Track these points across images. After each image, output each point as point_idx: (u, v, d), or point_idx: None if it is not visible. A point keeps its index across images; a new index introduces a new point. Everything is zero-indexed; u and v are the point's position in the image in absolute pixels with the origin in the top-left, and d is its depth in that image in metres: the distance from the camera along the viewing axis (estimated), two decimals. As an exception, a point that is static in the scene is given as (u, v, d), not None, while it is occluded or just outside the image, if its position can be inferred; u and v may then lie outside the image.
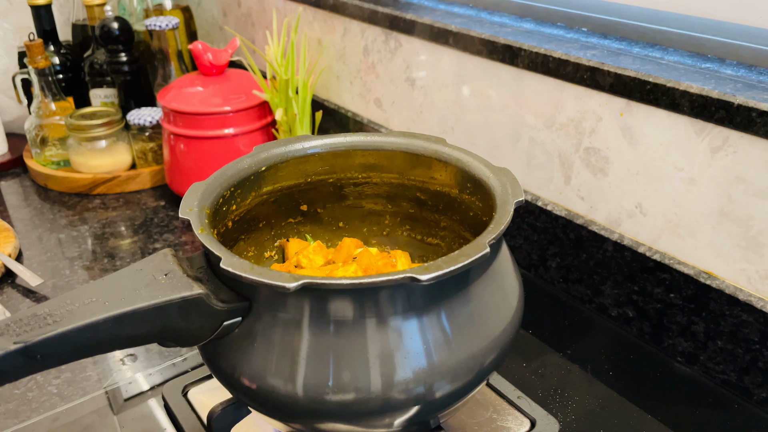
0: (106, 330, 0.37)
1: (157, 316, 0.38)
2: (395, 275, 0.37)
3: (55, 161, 1.04)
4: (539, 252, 0.75)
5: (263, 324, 0.40)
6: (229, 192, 0.50)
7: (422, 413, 0.41)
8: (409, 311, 0.39)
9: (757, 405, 0.58)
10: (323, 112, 1.04)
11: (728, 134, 0.56)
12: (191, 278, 0.40)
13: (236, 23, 1.28)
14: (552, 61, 0.67)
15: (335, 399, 0.39)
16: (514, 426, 0.55)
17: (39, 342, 0.34)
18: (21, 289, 0.77)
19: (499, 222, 0.42)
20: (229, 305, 0.40)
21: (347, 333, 0.39)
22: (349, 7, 0.94)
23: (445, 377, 0.40)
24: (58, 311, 0.36)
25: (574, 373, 0.63)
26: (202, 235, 0.42)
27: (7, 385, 0.63)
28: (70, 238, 0.88)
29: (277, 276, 0.37)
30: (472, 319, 0.41)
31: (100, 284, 0.39)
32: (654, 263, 0.63)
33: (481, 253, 0.39)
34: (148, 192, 1.02)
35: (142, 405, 0.60)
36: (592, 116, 0.66)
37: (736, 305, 0.57)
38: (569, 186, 0.71)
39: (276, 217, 0.58)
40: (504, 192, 0.46)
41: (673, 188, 0.61)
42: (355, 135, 0.56)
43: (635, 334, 0.67)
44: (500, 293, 0.44)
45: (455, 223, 0.56)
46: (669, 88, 0.58)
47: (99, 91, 1.09)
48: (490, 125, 0.78)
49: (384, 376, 0.39)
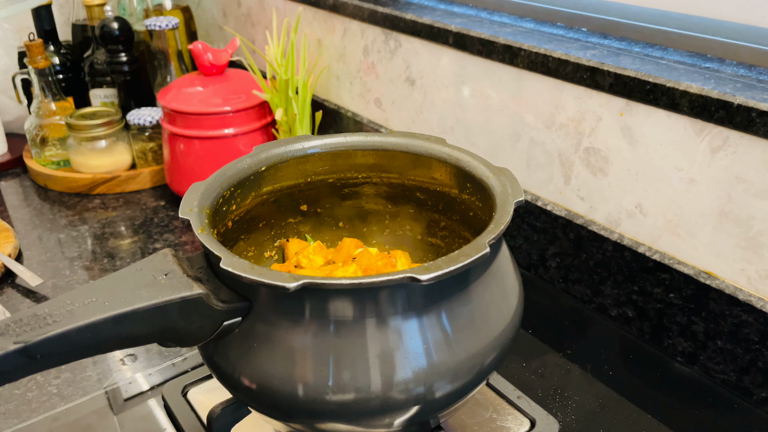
0: (106, 330, 0.37)
1: (157, 316, 0.38)
2: (395, 275, 0.37)
3: (55, 161, 1.04)
4: (539, 252, 0.75)
5: (263, 324, 0.40)
6: (229, 192, 0.50)
7: (422, 413, 0.41)
8: (409, 311, 0.39)
9: (757, 405, 0.58)
10: (323, 112, 1.04)
11: (728, 134, 0.56)
12: (191, 278, 0.40)
13: (236, 23, 1.28)
14: (552, 61, 0.67)
15: (335, 399, 0.39)
16: (514, 426, 0.55)
17: (39, 342, 0.34)
18: (21, 289, 0.77)
19: (499, 222, 0.42)
20: (229, 305, 0.40)
21: (347, 333, 0.39)
22: (349, 7, 0.94)
23: (445, 377, 0.40)
24: (58, 311, 0.36)
25: (574, 373, 0.63)
26: (202, 235, 0.42)
27: (7, 385, 0.63)
28: (70, 238, 0.88)
29: (277, 276, 0.37)
30: (472, 319, 0.41)
31: (100, 284, 0.39)
32: (654, 263, 0.63)
33: (481, 253, 0.39)
34: (148, 192, 1.02)
35: (142, 405, 0.60)
36: (592, 116, 0.66)
37: (736, 305, 0.57)
38: (569, 186, 0.71)
39: (276, 217, 0.58)
40: (504, 192, 0.46)
41: (673, 188, 0.61)
42: (354, 135, 0.56)
43: (635, 334, 0.67)
44: (500, 293, 0.44)
45: (455, 223, 0.56)
46: (669, 88, 0.58)
47: (99, 91, 1.09)
48: (490, 125, 0.78)
49: (384, 376, 0.39)
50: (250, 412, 0.53)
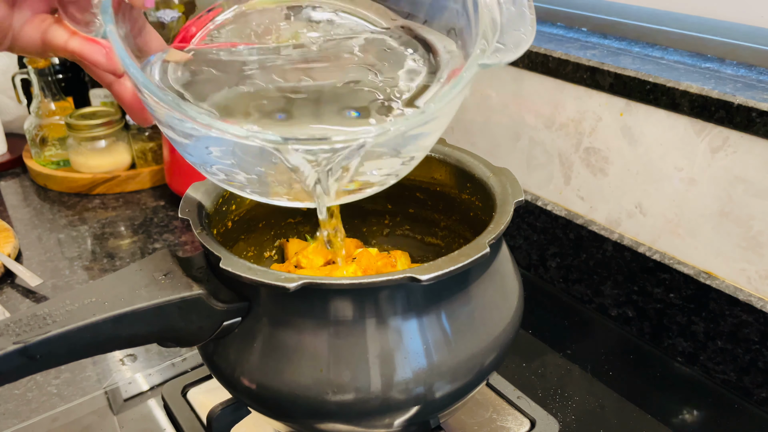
0: (106, 330, 0.36)
1: (156, 316, 0.38)
2: (395, 275, 0.37)
3: (54, 161, 1.04)
4: (539, 252, 0.75)
5: (263, 324, 0.40)
6: (229, 192, 0.50)
7: (422, 413, 0.41)
8: (409, 311, 0.39)
9: (757, 405, 0.58)
10: (323, 112, 1.04)
11: (728, 134, 0.56)
12: (191, 278, 0.40)
13: (236, 23, 1.27)
14: (552, 61, 0.67)
15: (335, 399, 0.39)
16: (513, 426, 0.55)
17: (38, 342, 0.34)
18: (20, 289, 0.77)
19: (499, 222, 0.42)
20: (229, 305, 0.40)
21: (347, 333, 0.39)
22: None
23: (444, 377, 0.40)
24: (57, 311, 0.36)
25: (574, 373, 0.63)
26: (201, 235, 0.42)
27: (6, 385, 0.62)
28: (69, 238, 0.88)
29: (276, 276, 0.37)
30: (472, 319, 0.41)
31: (99, 284, 0.39)
32: (654, 263, 0.63)
33: (481, 253, 0.39)
34: (148, 192, 1.02)
35: (141, 405, 0.60)
36: (592, 116, 0.66)
37: (736, 305, 0.57)
38: (569, 186, 0.71)
39: (276, 217, 0.58)
40: (504, 192, 0.46)
41: (673, 188, 0.61)
42: None
43: (635, 334, 0.67)
44: (500, 293, 0.44)
45: (455, 223, 0.56)
46: (669, 88, 0.58)
47: (99, 91, 1.09)
48: (490, 125, 0.78)
49: (384, 376, 0.39)
50: (250, 412, 0.53)
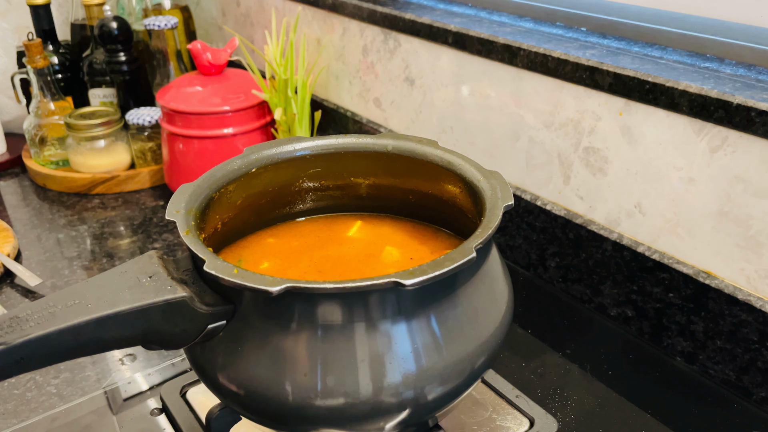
0: (88, 332, 0.36)
1: (139, 318, 0.38)
2: (380, 279, 0.36)
3: (54, 161, 1.04)
4: (538, 252, 0.75)
5: (247, 328, 0.40)
6: (218, 193, 0.50)
7: (413, 417, 0.41)
8: (397, 315, 0.39)
9: (757, 404, 0.58)
10: (322, 111, 1.04)
11: (727, 134, 0.56)
12: (176, 281, 0.39)
13: (235, 23, 1.28)
14: (551, 61, 0.67)
15: (323, 404, 0.39)
16: (513, 425, 0.55)
17: (20, 344, 0.34)
18: (20, 289, 0.77)
19: (487, 226, 0.42)
20: (214, 308, 0.40)
21: (331, 336, 0.38)
22: (348, 7, 0.94)
23: (434, 381, 0.40)
24: (39, 313, 0.36)
25: (573, 372, 0.63)
26: (187, 237, 0.41)
27: (5, 385, 0.63)
28: (69, 238, 0.88)
29: (260, 279, 0.37)
30: (461, 322, 0.41)
31: (84, 286, 0.38)
32: (653, 263, 0.63)
33: (467, 258, 0.38)
34: (147, 192, 1.02)
35: (141, 405, 0.60)
36: (591, 116, 0.66)
37: (735, 305, 0.57)
38: (568, 186, 0.71)
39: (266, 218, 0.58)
40: (493, 196, 0.46)
41: (672, 188, 0.61)
42: (346, 137, 0.56)
43: (634, 333, 0.67)
44: (489, 296, 0.44)
45: (446, 226, 0.56)
46: (668, 87, 0.58)
47: (98, 91, 1.09)
48: (489, 125, 0.78)
49: (373, 380, 0.38)
50: (248, 412, 0.53)
